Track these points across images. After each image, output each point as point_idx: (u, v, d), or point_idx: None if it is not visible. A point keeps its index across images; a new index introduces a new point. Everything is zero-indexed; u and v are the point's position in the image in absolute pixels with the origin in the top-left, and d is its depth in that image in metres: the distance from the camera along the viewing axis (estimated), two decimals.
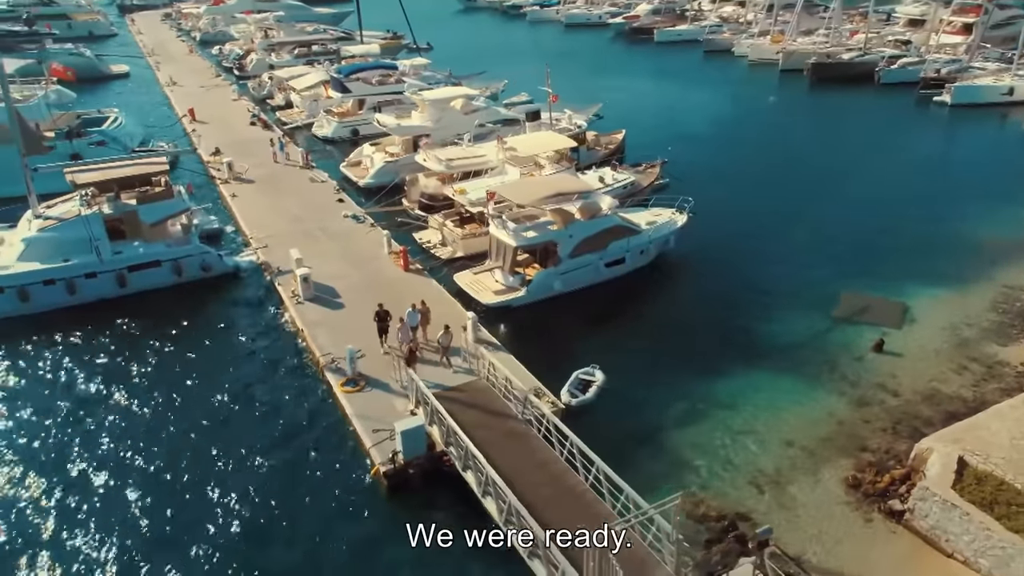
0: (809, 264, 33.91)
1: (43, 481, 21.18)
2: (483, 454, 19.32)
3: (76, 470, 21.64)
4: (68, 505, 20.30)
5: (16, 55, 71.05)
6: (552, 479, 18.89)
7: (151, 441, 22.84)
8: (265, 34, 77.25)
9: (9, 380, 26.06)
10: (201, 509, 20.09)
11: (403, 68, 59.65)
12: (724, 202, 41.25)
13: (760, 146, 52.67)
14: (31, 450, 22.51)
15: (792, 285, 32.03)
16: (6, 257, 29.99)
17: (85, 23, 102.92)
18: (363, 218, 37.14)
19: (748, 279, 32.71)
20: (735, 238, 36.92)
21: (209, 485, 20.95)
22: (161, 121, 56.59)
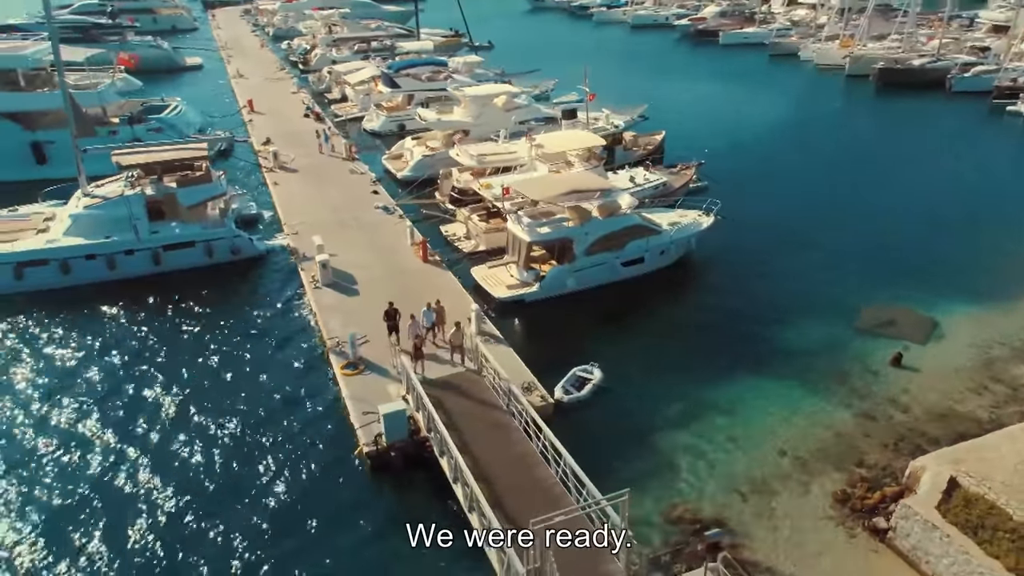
0: (842, 274, 32.70)
1: (70, 435, 22.62)
2: (461, 443, 19.68)
3: (93, 427, 23.01)
4: (89, 455, 21.65)
5: (100, 45, 75.52)
6: (524, 471, 19.00)
7: (160, 407, 24.11)
8: (329, 30, 79.58)
9: (48, 347, 27.80)
10: (189, 468, 21.18)
11: (455, 65, 60.57)
12: (764, 207, 40.36)
13: (814, 152, 51.04)
14: (61, 410, 24.03)
15: (819, 294, 31.04)
16: (54, 232, 32.01)
17: (169, 17, 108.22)
18: (393, 209, 37.93)
19: (774, 286, 31.89)
20: (769, 244, 36.03)
21: (203, 448, 22.05)
22: (222, 111, 59.11)
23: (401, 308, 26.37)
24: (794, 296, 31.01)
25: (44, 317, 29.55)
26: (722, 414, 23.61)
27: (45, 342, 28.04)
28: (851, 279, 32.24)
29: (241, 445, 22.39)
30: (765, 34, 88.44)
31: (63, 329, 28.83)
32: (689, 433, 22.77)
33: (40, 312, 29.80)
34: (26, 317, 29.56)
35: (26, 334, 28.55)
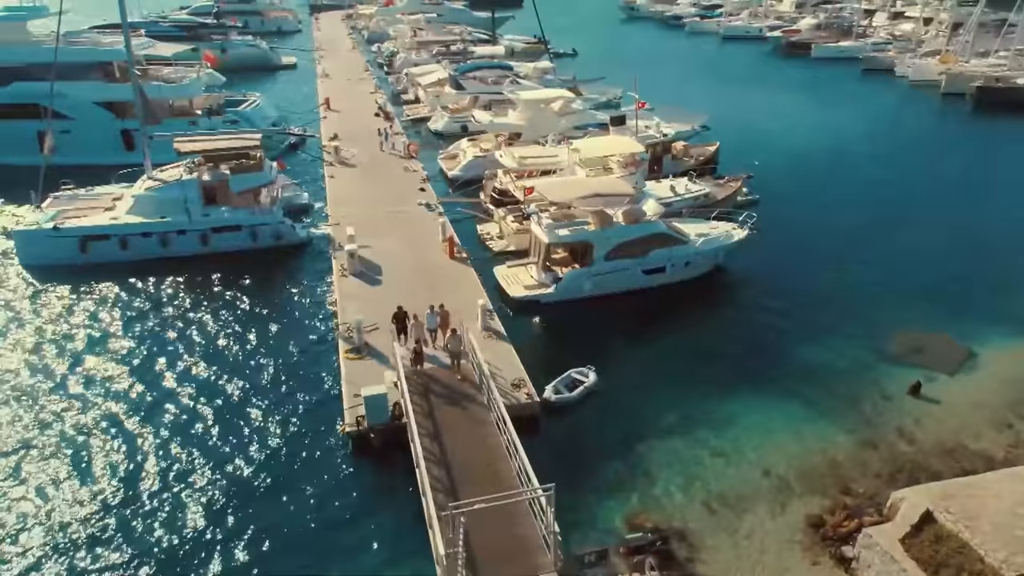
0: (887, 298, 31.14)
1: (102, 386, 24.73)
2: (434, 431, 20.26)
3: (120, 381, 25.04)
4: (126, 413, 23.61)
5: (204, 44, 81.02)
6: (486, 463, 19.27)
7: (179, 371, 26.07)
8: (414, 34, 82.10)
9: (101, 311, 30.30)
10: (185, 426, 22.77)
11: (525, 71, 61.31)
12: (817, 224, 38.99)
13: (888, 171, 48.52)
14: (100, 363, 26.30)
15: (854, 316, 29.73)
16: (118, 210, 34.84)
17: (275, 20, 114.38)
18: (435, 206, 38.92)
19: (808, 304, 30.76)
20: (813, 262, 34.80)
21: (203, 411, 23.72)
22: (302, 107, 62.14)
23: (416, 302, 27.21)
24: (826, 315, 29.83)
25: (102, 287, 32.18)
26: (715, 428, 23.10)
27: (100, 307, 30.60)
28: (896, 303, 30.66)
29: (240, 411, 23.83)
30: (859, 48, 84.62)
31: (115, 298, 31.34)
32: (676, 443, 22.42)
33: (99, 282, 32.45)
34: (86, 286, 32.26)
35: (85, 300, 31.21)
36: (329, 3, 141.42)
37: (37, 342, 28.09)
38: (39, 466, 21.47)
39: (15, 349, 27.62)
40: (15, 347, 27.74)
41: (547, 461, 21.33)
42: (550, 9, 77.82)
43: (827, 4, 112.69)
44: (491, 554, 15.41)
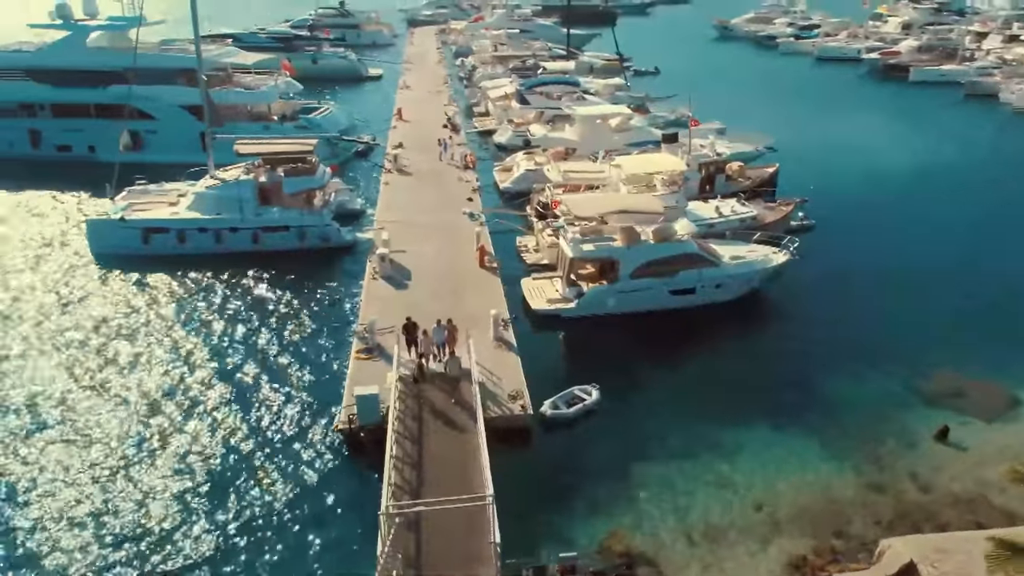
0: (936, 336, 29.19)
1: (136, 362, 26.46)
2: (418, 433, 20.52)
3: (154, 361, 26.67)
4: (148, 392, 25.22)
5: (297, 54, 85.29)
6: (459, 471, 19.25)
7: (205, 360, 27.51)
8: (495, 48, 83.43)
9: (157, 297, 32.42)
10: (200, 413, 23.82)
11: (596, 87, 61.26)
12: (875, 255, 36.89)
13: (970, 202, 45.26)
14: (145, 344, 28.14)
15: (895, 352, 27.98)
16: (180, 206, 37.11)
17: (370, 33, 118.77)
18: (478, 216, 39.36)
19: (847, 335, 29.29)
20: (863, 292, 33.10)
21: (213, 397, 24.93)
22: (376, 116, 64.30)
23: (437, 307, 27.81)
24: (865, 350, 28.23)
25: (157, 276, 34.31)
26: (717, 457, 22.29)
27: (151, 295, 32.76)
28: (946, 343, 28.60)
29: (249, 399, 25.05)
30: (963, 72, 79.55)
31: (166, 287, 33.41)
32: (671, 469, 21.77)
33: (156, 272, 34.61)
34: (144, 274, 34.48)
35: (141, 287, 33.48)
36: (425, 18, 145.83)
37: (94, 321, 30.43)
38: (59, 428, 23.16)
39: (75, 328, 29.89)
40: (75, 326, 30.02)
41: (532, 474, 21.49)
42: (644, 29, 77.90)
43: (934, 25, 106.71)
44: (435, 559, 15.43)
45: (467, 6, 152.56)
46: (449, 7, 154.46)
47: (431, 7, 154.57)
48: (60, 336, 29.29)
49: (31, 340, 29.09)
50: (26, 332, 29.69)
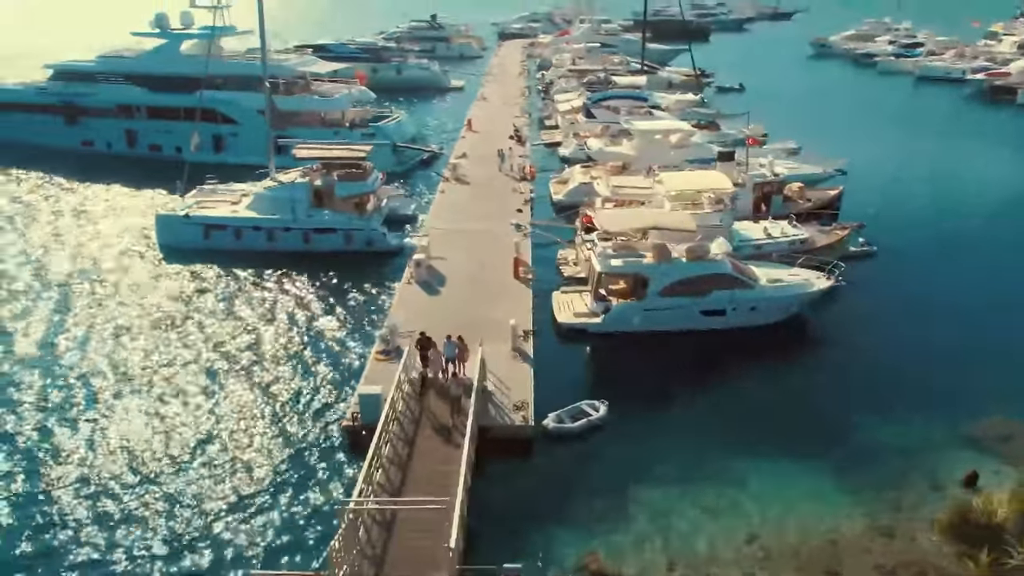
0: (988, 378, 27.03)
1: (180, 345, 28.13)
2: (405, 437, 20.82)
3: (197, 345, 28.22)
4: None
5: (383, 65, 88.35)
6: (441, 476, 19.33)
7: (236, 351, 28.81)
8: (573, 62, 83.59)
9: (203, 291, 34.27)
10: (217, 403, 24.96)
11: (667, 102, 60.42)
12: (938, 287, 34.67)
13: None
14: (194, 327, 29.89)
15: (941, 391, 26.16)
16: (241, 205, 39.10)
17: (459, 46, 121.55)
18: (524, 227, 39.50)
19: (888, 369, 27.71)
20: (916, 324, 31.15)
21: (241, 389, 26.01)
22: (448, 126, 65.67)
23: (463, 314, 28.31)
24: (909, 386, 26.55)
25: (213, 269, 36.32)
26: (719, 484, 21.47)
27: (205, 286, 34.79)
28: (999, 386, 26.42)
29: (268, 391, 26.01)
30: None
31: (218, 279, 35.37)
32: (667, 492, 21.13)
33: (213, 265, 36.64)
34: (202, 267, 36.55)
35: (197, 279, 35.59)
36: (515, 32, 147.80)
37: (147, 305, 32.68)
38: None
39: (127, 310, 32.14)
40: (129, 308, 32.30)
41: (524, 486, 21.38)
42: (737, 45, 76.07)
43: None
44: (391, 558, 15.58)
45: (559, 20, 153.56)
46: (542, 21, 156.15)
47: (522, 21, 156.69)
48: (112, 317, 31.49)
49: (85, 318, 31.61)
50: (83, 311, 32.26)
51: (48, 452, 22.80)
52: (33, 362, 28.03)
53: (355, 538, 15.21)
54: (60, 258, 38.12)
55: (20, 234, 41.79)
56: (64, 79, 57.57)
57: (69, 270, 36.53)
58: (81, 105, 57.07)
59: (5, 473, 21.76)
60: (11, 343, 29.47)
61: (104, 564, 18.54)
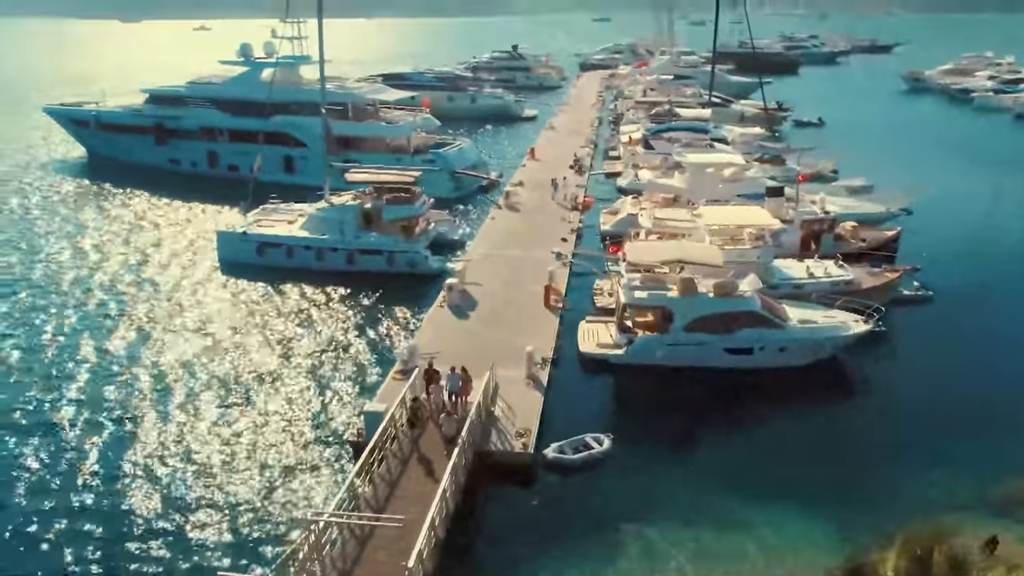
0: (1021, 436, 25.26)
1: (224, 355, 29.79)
2: (407, 454, 21.28)
3: (243, 361, 29.76)
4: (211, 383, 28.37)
5: (459, 94, 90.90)
6: (428, 495, 19.61)
7: (268, 363, 30.12)
8: (644, 93, 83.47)
9: (253, 304, 36.10)
10: (238, 412, 26.17)
11: (731, 134, 59.57)
12: (989, 338, 32.48)
13: None
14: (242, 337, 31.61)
15: (982, 447, 24.58)
16: (295, 225, 41.01)
17: (539, 76, 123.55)
18: (564, 256, 39.66)
19: (920, 422, 26.20)
20: (964, 377, 29.21)
21: (267, 393, 27.36)
22: (511, 154, 66.73)
23: (486, 339, 28.89)
24: (947, 439, 25.09)
25: (265, 284, 38.18)
26: (715, 529, 20.83)
27: (256, 300, 36.66)
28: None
29: (289, 401, 27.09)
30: None
31: (269, 295, 37.12)
32: (658, 533, 20.63)
33: (265, 281, 38.50)
34: (255, 282, 38.50)
35: (248, 291, 37.57)
36: (597, 63, 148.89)
37: (199, 313, 34.92)
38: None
39: (179, 317, 34.39)
40: (182, 315, 34.55)
41: (512, 513, 21.43)
42: (826, 78, 74.14)
43: None
44: (347, 571, 15.92)
45: (642, 51, 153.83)
46: (624, 52, 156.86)
47: (605, 52, 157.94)
48: (160, 321, 33.84)
49: (133, 320, 34.19)
50: (135, 314, 34.86)
51: (61, 448, 24.48)
52: (72, 355, 30.62)
53: (319, 548, 15.67)
54: (128, 264, 41.37)
55: (100, 241, 45.33)
56: (157, 103, 62.16)
57: (133, 277, 39.35)
58: (170, 127, 61.41)
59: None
60: (63, 337, 31.97)
61: (100, 563, 19.67)
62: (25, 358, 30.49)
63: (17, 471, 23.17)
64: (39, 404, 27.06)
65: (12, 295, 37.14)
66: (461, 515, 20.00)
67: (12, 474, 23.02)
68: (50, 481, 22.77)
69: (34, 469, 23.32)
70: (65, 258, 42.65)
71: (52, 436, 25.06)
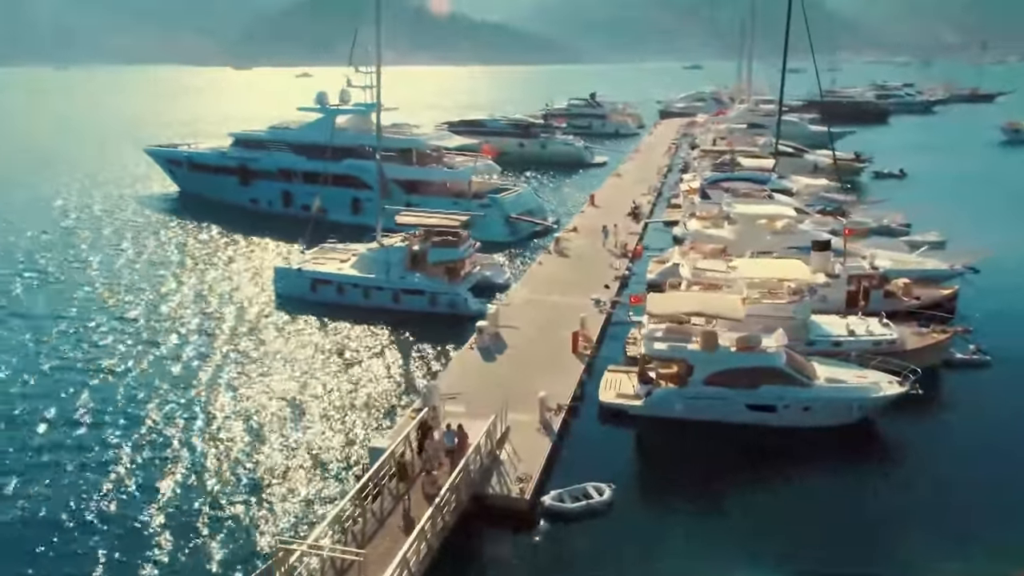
0: None
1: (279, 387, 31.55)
2: (389, 492, 21.85)
3: (285, 386, 31.40)
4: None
5: (530, 140, 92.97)
6: (405, 532, 20.00)
7: (306, 387, 31.82)
8: (714, 142, 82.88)
9: (302, 337, 37.90)
10: (270, 430, 27.41)
11: (796, 185, 58.43)
12: None
13: None
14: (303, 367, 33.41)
15: (1012, 538, 22.77)
16: (347, 263, 42.93)
17: (616, 123, 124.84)
18: (603, 303, 39.73)
19: (954, 504, 24.20)
20: (1005, 453, 27.23)
21: (292, 420, 28.57)
22: (572, 200, 67.50)
23: (509, 383, 29.30)
24: (973, 523, 23.29)
25: (315, 319, 40.03)
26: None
27: (305, 332, 38.54)
28: None
29: (306, 436, 28.10)
30: None
31: (317, 329, 38.91)
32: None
33: (316, 316, 40.33)
34: (305, 315, 40.45)
35: (299, 324, 39.55)
36: (678, 110, 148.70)
37: (249, 343, 37.04)
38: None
39: (232, 348, 36.43)
40: (244, 350, 36.48)
41: (502, 555, 21.55)
42: (919, 128, 71.75)
43: None
44: None
45: (725, 99, 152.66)
46: (706, 100, 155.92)
47: (687, 100, 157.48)
48: (219, 346, 36.37)
49: (189, 345, 36.78)
50: (192, 339, 37.57)
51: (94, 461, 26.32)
52: (127, 372, 32.90)
53: (286, 572, 16.40)
54: (195, 292, 44.68)
55: (174, 271, 49.15)
56: (241, 146, 66.74)
57: (197, 306, 42.22)
58: (251, 168, 65.69)
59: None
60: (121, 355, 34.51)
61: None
62: (86, 372, 33.12)
63: (64, 484, 25.09)
64: (77, 411, 29.29)
65: (92, 312, 41.01)
66: (446, 555, 20.28)
67: (57, 489, 24.96)
68: (85, 485, 24.55)
69: (72, 478, 25.20)
70: (141, 284, 46.31)
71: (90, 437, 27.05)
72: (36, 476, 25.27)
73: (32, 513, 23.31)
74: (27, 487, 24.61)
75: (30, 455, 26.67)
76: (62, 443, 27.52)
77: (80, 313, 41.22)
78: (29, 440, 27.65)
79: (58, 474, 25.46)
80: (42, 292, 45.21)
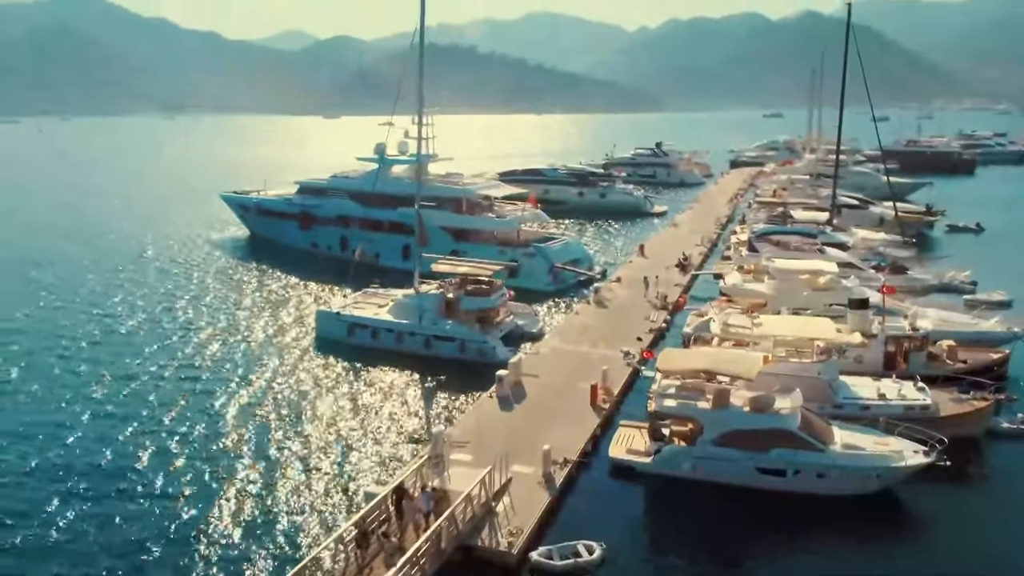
0: None
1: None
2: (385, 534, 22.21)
3: (309, 417, 32.57)
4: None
5: (589, 189, 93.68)
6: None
7: (329, 426, 32.54)
8: (774, 193, 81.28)
9: (336, 379, 39.18)
10: (287, 462, 28.31)
11: (852, 239, 56.68)
12: None
13: None
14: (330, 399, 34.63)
15: None
16: (384, 309, 44.19)
17: (682, 172, 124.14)
18: (632, 356, 39.34)
19: None
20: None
21: (312, 454, 29.25)
22: (622, 250, 67.35)
23: (520, 436, 29.62)
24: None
25: (349, 361, 41.26)
26: None
27: (336, 373, 39.77)
28: None
29: (316, 477, 28.76)
30: None
31: (351, 372, 40.03)
32: None
33: (350, 359, 41.54)
34: (341, 358, 41.78)
35: (334, 367, 40.83)
36: (748, 160, 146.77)
37: (290, 384, 38.41)
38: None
39: (276, 389, 37.89)
40: (279, 388, 37.99)
41: None
42: (1007, 180, 68.76)
43: None
44: None
45: (798, 148, 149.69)
46: (779, 149, 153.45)
47: (759, 149, 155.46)
48: (256, 382, 38.16)
49: (231, 378, 38.81)
50: (234, 373, 39.62)
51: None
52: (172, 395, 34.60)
53: None
54: (244, 331, 46.96)
55: (229, 308, 52.30)
56: (304, 193, 70.15)
57: (243, 346, 44.04)
58: (313, 215, 68.82)
59: None
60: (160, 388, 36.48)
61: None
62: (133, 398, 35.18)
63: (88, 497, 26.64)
64: (119, 435, 31.03)
65: (143, 346, 43.75)
66: None
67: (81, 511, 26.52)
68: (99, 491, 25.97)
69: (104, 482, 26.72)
70: (199, 322, 49.03)
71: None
72: (71, 502, 26.92)
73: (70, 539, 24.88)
74: (64, 511, 26.29)
75: (74, 479, 28.50)
76: (95, 465, 29.26)
77: (131, 347, 43.84)
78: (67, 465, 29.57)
79: (87, 501, 27.04)
80: (98, 323, 48.61)
